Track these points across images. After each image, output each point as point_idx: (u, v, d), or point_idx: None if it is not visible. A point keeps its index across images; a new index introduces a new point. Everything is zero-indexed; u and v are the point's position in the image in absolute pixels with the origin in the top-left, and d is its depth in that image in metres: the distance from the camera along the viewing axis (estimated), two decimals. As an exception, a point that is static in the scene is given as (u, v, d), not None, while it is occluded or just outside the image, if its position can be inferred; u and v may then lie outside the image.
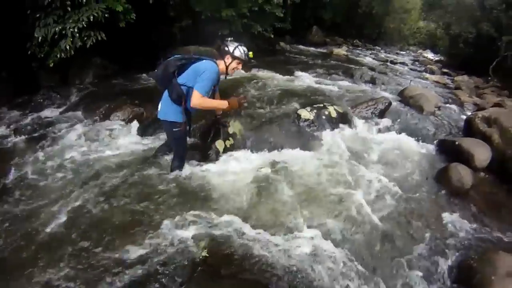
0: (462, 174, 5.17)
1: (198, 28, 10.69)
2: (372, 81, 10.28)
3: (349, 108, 6.99)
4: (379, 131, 6.61)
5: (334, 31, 24.80)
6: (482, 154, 5.76)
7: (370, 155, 5.73)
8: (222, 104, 4.16)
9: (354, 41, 26.29)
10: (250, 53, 4.24)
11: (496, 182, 5.72)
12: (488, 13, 19.95)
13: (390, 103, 7.24)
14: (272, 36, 12.71)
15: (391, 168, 5.48)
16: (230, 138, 5.25)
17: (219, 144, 5.06)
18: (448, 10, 25.43)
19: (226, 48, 4.06)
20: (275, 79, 8.71)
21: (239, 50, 4.08)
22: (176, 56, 4.01)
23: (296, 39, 18.58)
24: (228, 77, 4.30)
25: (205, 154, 4.96)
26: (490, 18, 19.82)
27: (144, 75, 8.74)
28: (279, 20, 12.40)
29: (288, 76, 9.59)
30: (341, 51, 17.58)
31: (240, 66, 4.21)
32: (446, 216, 4.52)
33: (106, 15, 6.86)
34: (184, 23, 10.51)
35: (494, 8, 19.43)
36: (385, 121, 6.88)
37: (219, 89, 4.59)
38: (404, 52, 30.37)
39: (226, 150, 5.09)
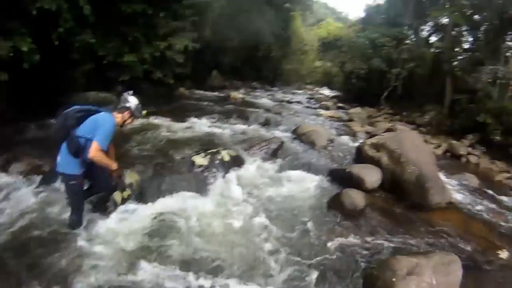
0: (353, 197, 5.76)
1: (100, 73, 10.55)
2: (267, 123, 10.76)
3: (242, 151, 7.27)
4: (273, 169, 6.96)
5: (234, 74, 25.69)
6: (372, 176, 6.54)
7: (263, 193, 6.01)
8: (113, 165, 4.16)
9: (253, 84, 27.36)
10: (145, 111, 4.43)
11: (388, 199, 6.50)
12: (379, 50, 22.42)
13: (282, 143, 7.70)
14: (172, 81, 12.80)
15: (285, 202, 5.80)
16: (127, 189, 5.20)
17: (117, 196, 4.99)
18: (342, 50, 27.76)
19: (127, 105, 4.17)
20: (172, 127, 8.84)
21: (138, 108, 4.25)
22: (74, 107, 3.97)
23: (196, 84, 18.88)
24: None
25: (104, 206, 4.83)
26: (381, 54, 22.33)
27: (43, 121, 8.26)
28: (180, 65, 12.55)
29: (185, 123, 9.74)
30: (239, 94, 18.21)
31: (134, 121, 4.38)
32: (343, 237, 4.93)
33: (11, 54, 6.62)
34: (87, 67, 10.29)
35: (385, 45, 21.65)
36: (278, 160, 7.28)
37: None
38: (301, 91, 32.11)
39: (124, 201, 5.04)
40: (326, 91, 33.67)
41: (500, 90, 16.69)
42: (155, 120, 9.37)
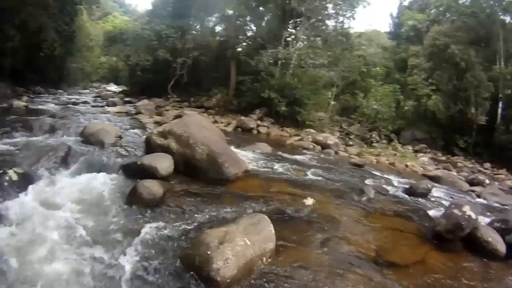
0: (149, 187, 5.65)
1: None
2: (52, 129, 9.96)
3: (30, 165, 6.66)
4: (65, 178, 6.27)
5: (16, 79, 22.92)
6: (163, 163, 6.53)
7: (60, 205, 5.42)
8: None
9: (37, 88, 24.93)
10: None
11: (185, 181, 6.63)
12: (165, 41, 22.67)
13: (69, 148, 7.21)
14: None
15: (84, 207, 5.24)
16: None
17: None
18: (127, 43, 27.33)
19: None
20: None
21: None
22: None
23: None
24: None
25: None
26: (166, 45, 22.57)
27: None
28: None
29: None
30: (21, 102, 16.38)
31: None
32: (150, 227, 4.80)
33: None
34: None
35: (170, 36, 22.08)
36: (69, 167, 6.69)
37: None
38: (87, 90, 30.72)
39: None
40: (113, 87, 33.16)
41: (281, 69, 18.94)
42: None
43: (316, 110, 20.24)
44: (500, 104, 25.04)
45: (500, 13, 27.21)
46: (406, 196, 8.27)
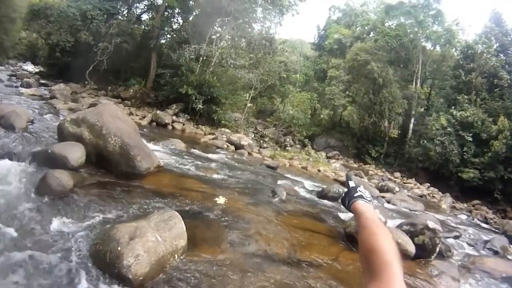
0: (59, 177, 5.42)
1: None
2: None
3: None
4: None
5: None
6: (75, 153, 6.36)
7: None
8: None
9: None
10: None
11: (97, 173, 6.52)
12: (89, 23, 21.81)
13: None
14: None
15: None
16: None
17: None
18: (50, 20, 25.91)
19: None
20: None
21: None
22: None
23: None
24: None
25: None
26: (90, 27, 21.78)
27: None
28: None
29: None
30: None
31: None
32: (57, 221, 4.60)
33: None
34: None
35: (95, 18, 21.29)
36: None
37: None
38: (3, 67, 28.59)
39: None
40: (30, 67, 30.99)
41: (202, 66, 19.07)
42: None
43: (232, 111, 20.61)
44: (412, 120, 28.08)
45: (423, 40, 30.63)
46: (318, 199, 8.76)
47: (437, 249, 6.47)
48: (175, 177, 7.51)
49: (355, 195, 1.56)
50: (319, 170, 14.13)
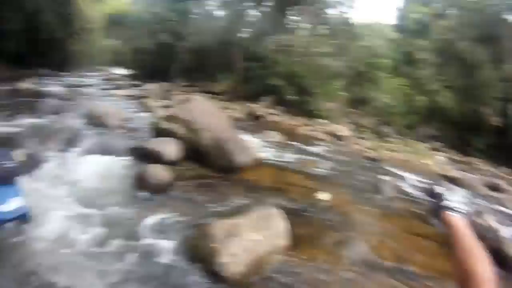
0: (156, 172, 5.50)
1: None
2: (57, 111, 9.89)
3: (35, 148, 6.49)
4: (72, 161, 6.04)
5: (20, 62, 22.64)
6: (170, 148, 6.42)
7: (65, 186, 5.12)
8: None
9: (41, 71, 24.65)
10: None
11: (193, 168, 6.48)
12: (166, 24, 22.78)
13: (75, 130, 7.15)
14: None
15: (91, 191, 5.17)
16: None
17: None
18: (129, 26, 27.08)
19: None
20: None
21: None
22: None
23: None
24: None
25: None
26: (168, 29, 22.57)
27: None
28: None
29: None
30: (26, 85, 16.23)
31: None
32: (155, 214, 4.64)
33: None
34: None
35: (171, 20, 21.86)
36: (75, 149, 6.47)
37: None
38: (93, 73, 30.09)
39: None
40: (119, 71, 32.61)
41: (287, 56, 18.68)
42: None
43: (325, 100, 19.88)
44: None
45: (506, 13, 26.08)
46: (423, 196, 8.02)
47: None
48: (274, 170, 7.26)
49: (446, 205, 1.47)
50: (422, 163, 12.93)
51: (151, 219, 4.51)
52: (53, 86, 17.19)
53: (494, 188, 11.47)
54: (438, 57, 26.04)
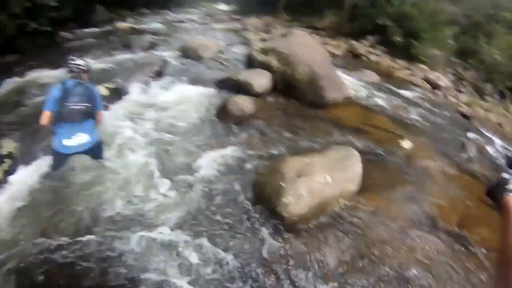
0: (241, 103, 5.43)
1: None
2: (152, 46, 9.95)
3: (124, 80, 6.54)
4: (158, 91, 6.37)
5: (121, 4, 23.46)
6: (260, 80, 6.30)
7: (146, 114, 5.43)
8: None
9: (142, 10, 25.48)
10: None
11: (281, 101, 6.35)
12: None
13: (165, 62, 7.21)
14: (50, 28, 11.27)
15: (174, 120, 5.34)
16: (6, 160, 4.21)
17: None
18: None
19: (85, 67, 3.87)
20: (50, 76, 7.09)
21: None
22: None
23: (80, 24, 17.04)
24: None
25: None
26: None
27: None
28: (55, 9, 11.05)
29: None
30: (125, 24, 16.65)
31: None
32: (234, 145, 4.65)
33: None
34: None
35: None
36: (163, 80, 6.74)
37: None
38: (196, 10, 30.44)
39: (7, 174, 4.03)
40: (223, 6, 32.58)
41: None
42: (39, 73, 7.86)
43: (432, 47, 18.41)
44: None
45: None
46: (507, 167, 7.15)
47: None
48: (363, 111, 6.87)
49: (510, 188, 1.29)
50: None
51: (225, 150, 4.54)
52: (153, 23, 17.45)
53: None
54: None
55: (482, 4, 20.24)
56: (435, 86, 12.22)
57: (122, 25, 16.28)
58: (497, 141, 8.56)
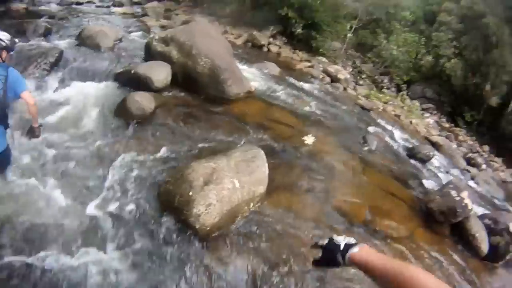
0: (140, 101, 5.08)
1: None
2: (48, 32, 9.10)
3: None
4: (51, 86, 5.79)
5: None
6: (160, 74, 5.94)
7: (50, 119, 4.82)
8: None
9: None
10: None
11: (181, 96, 6.13)
12: None
13: (61, 52, 6.42)
14: None
15: (68, 119, 4.91)
16: None
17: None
18: None
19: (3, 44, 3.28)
20: None
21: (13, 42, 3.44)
22: None
23: None
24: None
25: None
26: None
27: None
28: None
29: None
30: (21, 5, 14.97)
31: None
32: (133, 148, 4.39)
33: None
34: None
35: None
36: (58, 74, 6.11)
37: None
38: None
39: None
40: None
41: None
42: None
43: (332, 39, 19.18)
44: (518, 95, 23.73)
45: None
46: (406, 157, 7.88)
47: (507, 257, 5.30)
48: (265, 105, 6.90)
49: (345, 247, 1.31)
50: (411, 122, 12.78)
51: (125, 153, 4.24)
52: (49, 4, 16.21)
53: (472, 163, 11.66)
54: (461, 24, 24.84)
55: (384, 2, 21.67)
56: (334, 79, 12.73)
57: (16, 6, 14.94)
58: (396, 132, 9.30)
